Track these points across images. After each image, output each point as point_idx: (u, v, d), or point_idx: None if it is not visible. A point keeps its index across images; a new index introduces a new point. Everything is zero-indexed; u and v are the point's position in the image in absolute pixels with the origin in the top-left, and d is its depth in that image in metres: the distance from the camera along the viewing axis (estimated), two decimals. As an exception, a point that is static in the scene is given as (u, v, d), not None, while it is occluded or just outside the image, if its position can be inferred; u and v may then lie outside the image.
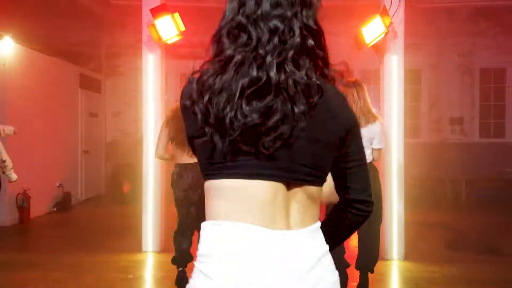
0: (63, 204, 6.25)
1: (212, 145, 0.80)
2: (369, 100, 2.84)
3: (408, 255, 3.92)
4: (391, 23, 3.75)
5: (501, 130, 7.77)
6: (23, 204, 5.38)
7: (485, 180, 7.41)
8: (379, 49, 3.91)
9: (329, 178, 0.92)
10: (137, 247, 4.09)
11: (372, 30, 3.71)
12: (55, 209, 6.15)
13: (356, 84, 2.80)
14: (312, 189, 0.85)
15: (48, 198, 6.09)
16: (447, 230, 5.17)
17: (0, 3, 5.41)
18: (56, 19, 7.08)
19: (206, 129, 0.79)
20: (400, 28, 3.85)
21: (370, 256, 2.90)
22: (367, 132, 2.72)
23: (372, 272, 2.92)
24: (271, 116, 0.77)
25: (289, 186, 0.83)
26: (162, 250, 4.03)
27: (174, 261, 3.09)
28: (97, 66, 7.89)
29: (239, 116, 0.77)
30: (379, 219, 2.93)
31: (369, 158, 2.79)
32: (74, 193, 6.67)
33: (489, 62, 7.65)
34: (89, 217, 6.01)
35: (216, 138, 0.79)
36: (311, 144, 0.82)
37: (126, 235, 4.64)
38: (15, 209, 5.36)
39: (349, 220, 0.94)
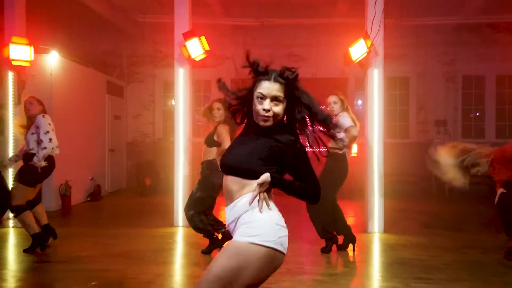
0: (95, 195, 7.33)
1: None
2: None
3: (387, 229, 4.99)
4: (372, 44, 4.84)
5: (481, 131, 8.85)
6: (65, 193, 6.46)
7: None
8: (363, 64, 5.00)
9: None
10: (169, 223, 5.17)
11: (357, 50, 4.81)
12: (88, 199, 7.22)
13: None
14: None
15: (83, 190, 7.16)
16: (424, 214, 6.23)
17: (46, 22, 6.52)
18: (87, 33, 8.22)
19: None
20: (380, 48, 4.94)
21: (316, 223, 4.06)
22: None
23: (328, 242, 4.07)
24: None
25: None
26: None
27: (200, 231, 4.07)
28: (120, 74, 9.00)
29: None
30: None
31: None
32: (102, 186, 7.75)
33: (471, 70, 8.72)
34: (120, 205, 7.09)
35: None
36: None
37: (157, 216, 5.71)
38: (58, 197, 6.45)
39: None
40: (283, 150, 1.67)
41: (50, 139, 3.90)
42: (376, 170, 4.98)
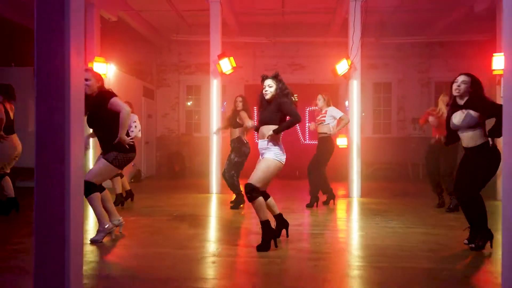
0: (137, 177, 9.50)
1: None
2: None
3: (363, 195, 7.17)
4: (352, 63, 7.04)
5: (449, 128, 11.05)
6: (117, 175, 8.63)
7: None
8: (346, 77, 7.20)
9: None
10: (205, 191, 7.35)
11: (341, 66, 7.01)
12: (132, 180, 9.39)
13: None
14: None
15: (127, 173, 9.31)
16: (397, 190, 8.40)
17: (104, 40, 8.70)
18: (130, 48, 10.42)
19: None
20: (358, 66, 7.13)
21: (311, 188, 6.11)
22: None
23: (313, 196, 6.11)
24: None
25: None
26: (221, 192, 7.29)
27: (234, 189, 6.17)
28: (151, 80, 11.19)
29: None
30: (315, 166, 6.08)
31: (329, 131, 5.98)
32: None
33: (442, 77, 10.89)
34: (158, 184, 9.26)
35: None
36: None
37: (193, 188, 7.89)
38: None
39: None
40: (280, 103, 3.82)
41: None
42: (355, 154, 7.18)
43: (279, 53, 10.82)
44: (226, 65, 7.04)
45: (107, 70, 7.17)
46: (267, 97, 3.92)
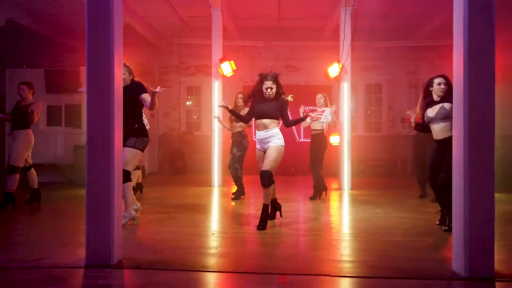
0: (141, 174, 10.14)
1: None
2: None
3: (354, 188, 7.88)
4: (343, 66, 7.75)
5: (436, 126, 11.81)
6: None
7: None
8: (337, 79, 7.90)
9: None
10: (208, 184, 8.03)
11: (333, 70, 7.72)
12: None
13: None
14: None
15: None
16: (386, 183, 9.12)
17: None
18: (133, 50, 11.04)
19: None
20: (348, 69, 7.83)
21: (315, 183, 6.74)
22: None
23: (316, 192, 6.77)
24: None
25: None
26: (222, 185, 7.97)
27: (236, 181, 6.83)
28: (153, 81, 11.84)
29: None
30: (316, 163, 6.73)
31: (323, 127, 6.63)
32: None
33: (429, 78, 11.63)
34: (162, 180, 9.92)
35: None
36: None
37: (196, 183, 8.56)
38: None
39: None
40: (283, 107, 4.51)
41: None
42: (346, 151, 7.89)
43: (275, 56, 11.51)
44: (227, 68, 7.73)
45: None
46: (270, 97, 4.54)
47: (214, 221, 5.04)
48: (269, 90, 4.53)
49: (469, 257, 2.97)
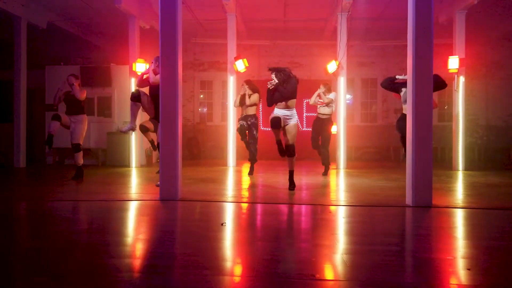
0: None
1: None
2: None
3: (349, 167, 9.56)
4: (340, 63, 9.41)
5: (426, 117, 13.48)
6: (150, 154, 10.99)
7: (416, 148, 13.08)
8: (335, 74, 9.57)
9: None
10: (224, 164, 9.71)
11: (331, 66, 9.39)
12: (158, 160, 11.72)
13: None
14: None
15: (155, 154, 11.65)
16: (377, 165, 10.80)
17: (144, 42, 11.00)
18: (152, 48, 12.70)
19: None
20: (344, 65, 9.50)
21: (324, 161, 8.41)
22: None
23: (328, 167, 8.44)
24: None
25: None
26: (236, 165, 9.65)
27: (254, 158, 8.43)
28: (170, 76, 13.51)
29: None
30: (327, 143, 8.40)
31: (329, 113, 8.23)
32: (164, 153, 12.24)
33: (420, 74, 13.28)
34: (185, 163, 11.58)
35: None
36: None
37: (213, 164, 10.25)
38: (144, 157, 10.94)
39: None
40: (295, 81, 6.12)
41: None
42: (342, 137, 9.56)
43: (280, 53, 13.18)
44: (241, 65, 9.39)
45: (146, 67, 9.50)
46: (274, 84, 5.95)
47: (235, 189, 6.72)
48: (270, 82, 5.93)
49: (415, 193, 4.65)
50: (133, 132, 9.23)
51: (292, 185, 5.95)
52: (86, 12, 10.50)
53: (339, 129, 9.59)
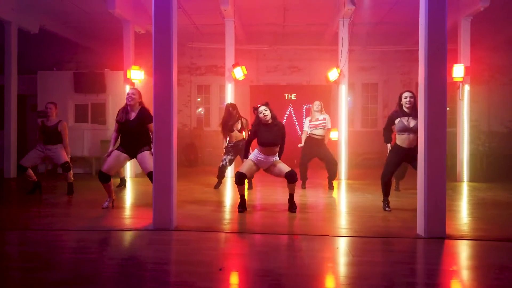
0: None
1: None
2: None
3: (350, 178, 9.19)
4: (341, 71, 9.02)
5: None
6: (145, 162, 10.56)
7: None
8: (336, 82, 9.18)
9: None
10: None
11: (332, 74, 8.99)
12: (154, 167, 11.34)
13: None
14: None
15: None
16: (379, 174, 10.41)
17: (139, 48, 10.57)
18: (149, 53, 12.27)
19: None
20: (346, 73, 9.11)
21: (332, 175, 8.02)
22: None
23: (333, 180, 8.05)
24: None
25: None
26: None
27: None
28: (166, 80, 13.09)
29: None
30: (333, 158, 8.03)
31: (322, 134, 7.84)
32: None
33: (421, 79, 12.93)
34: (181, 171, 11.19)
35: None
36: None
37: (212, 174, 9.87)
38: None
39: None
40: (283, 133, 5.68)
41: None
42: (343, 145, 9.18)
43: (279, 58, 12.77)
44: (239, 72, 8.99)
45: (142, 74, 9.08)
46: (267, 119, 5.53)
47: (232, 205, 6.35)
48: (263, 112, 5.55)
49: (427, 222, 4.28)
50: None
51: (293, 208, 5.58)
52: (79, 17, 10.07)
53: (340, 136, 9.21)
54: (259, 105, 5.72)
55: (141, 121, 5.76)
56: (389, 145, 6.02)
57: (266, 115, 5.59)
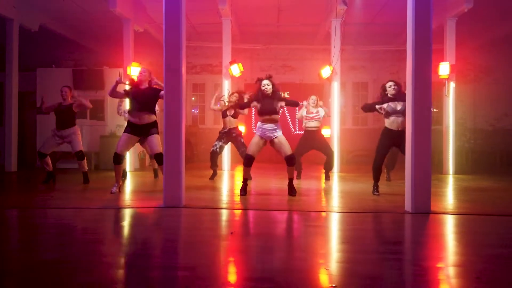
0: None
1: None
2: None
3: (342, 171, 9.68)
4: (334, 68, 9.53)
5: (415, 120, 13.72)
6: (143, 157, 10.95)
7: (406, 151, 13.29)
8: (329, 79, 9.69)
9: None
10: (219, 168, 9.75)
11: (325, 71, 9.49)
12: (150, 164, 11.70)
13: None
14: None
15: (147, 157, 11.62)
16: (369, 169, 10.92)
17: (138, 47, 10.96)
18: (145, 51, 12.71)
19: None
20: (338, 71, 9.62)
21: (329, 165, 8.47)
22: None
23: (329, 171, 8.51)
24: None
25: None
26: (231, 169, 9.68)
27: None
28: (162, 79, 13.48)
29: None
30: (330, 149, 8.48)
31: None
32: (157, 156, 12.21)
33: (410, 78, 13.52)
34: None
35: None
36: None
37: (207, 168, 10.28)
38: (138, 160, 10.91)
39: None
40: (278, 98, 6.13)
41: None
42: (336, 141, 9.67)
43: (273, 57, 13.27)
44: (236, 69, 9.45)
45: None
46: (268, 92, 6.02)
47: (232, 190, 6.78)
48: (266, 86, 6.01)
49: (414, 199, 4.76)
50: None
51: (293, 192, 6.01)
52: (79, 15, 10.44)
53: (333, 133, 9.71)
54: (262, 78, 6.13)
55: (153, 90, 6.21)
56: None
57: (267, 89, 5.99)
